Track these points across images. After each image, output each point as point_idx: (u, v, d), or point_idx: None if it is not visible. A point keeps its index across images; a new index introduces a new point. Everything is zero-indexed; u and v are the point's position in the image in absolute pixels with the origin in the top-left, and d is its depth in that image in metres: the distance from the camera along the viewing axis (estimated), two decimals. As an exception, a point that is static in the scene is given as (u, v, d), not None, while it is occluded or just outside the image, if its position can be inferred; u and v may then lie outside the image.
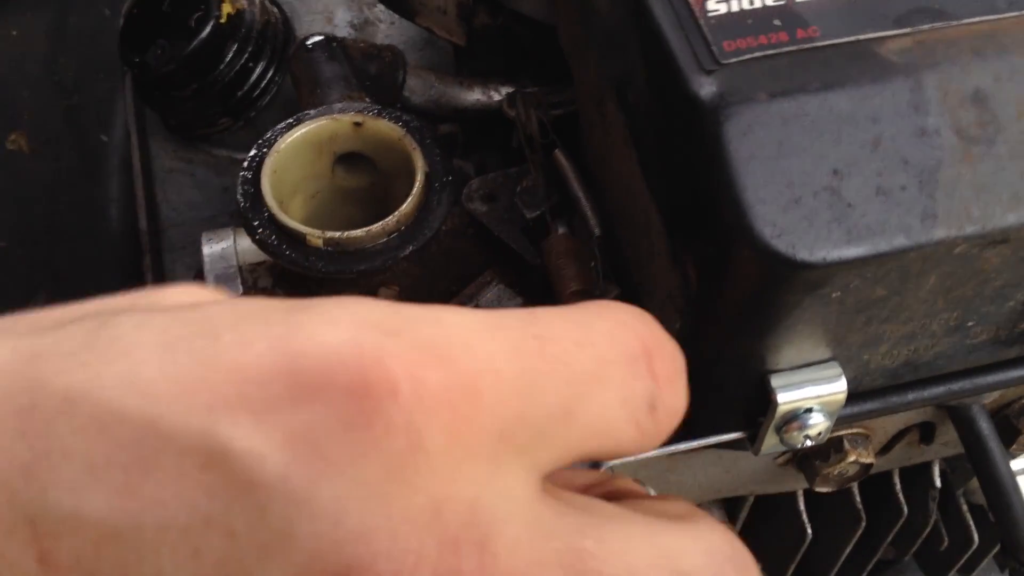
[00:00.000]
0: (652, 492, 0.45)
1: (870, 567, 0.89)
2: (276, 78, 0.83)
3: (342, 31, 0.93)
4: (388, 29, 0.94)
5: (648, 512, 0.37)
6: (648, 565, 0.34)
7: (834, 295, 0.50)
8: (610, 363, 0.34)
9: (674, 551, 0.35)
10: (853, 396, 0.58)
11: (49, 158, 1.15)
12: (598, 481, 0.43)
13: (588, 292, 0.63)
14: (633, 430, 0.35)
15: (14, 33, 1.18)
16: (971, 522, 0.87)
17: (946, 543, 0.88)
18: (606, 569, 0.33)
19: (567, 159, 0.68)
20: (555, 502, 0.34)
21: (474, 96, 0.79)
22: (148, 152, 0.88)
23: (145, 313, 0.32)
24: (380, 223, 0.63)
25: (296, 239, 0.64)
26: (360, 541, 0.29)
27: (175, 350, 0.30)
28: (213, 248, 0.70)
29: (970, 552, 0.88)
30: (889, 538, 0.83)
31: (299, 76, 0.74)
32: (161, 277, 0.82)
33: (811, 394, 0.55)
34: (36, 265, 1.09)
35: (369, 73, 0.74)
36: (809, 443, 0.57)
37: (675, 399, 0.37)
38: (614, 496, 0.42)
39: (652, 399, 0.35)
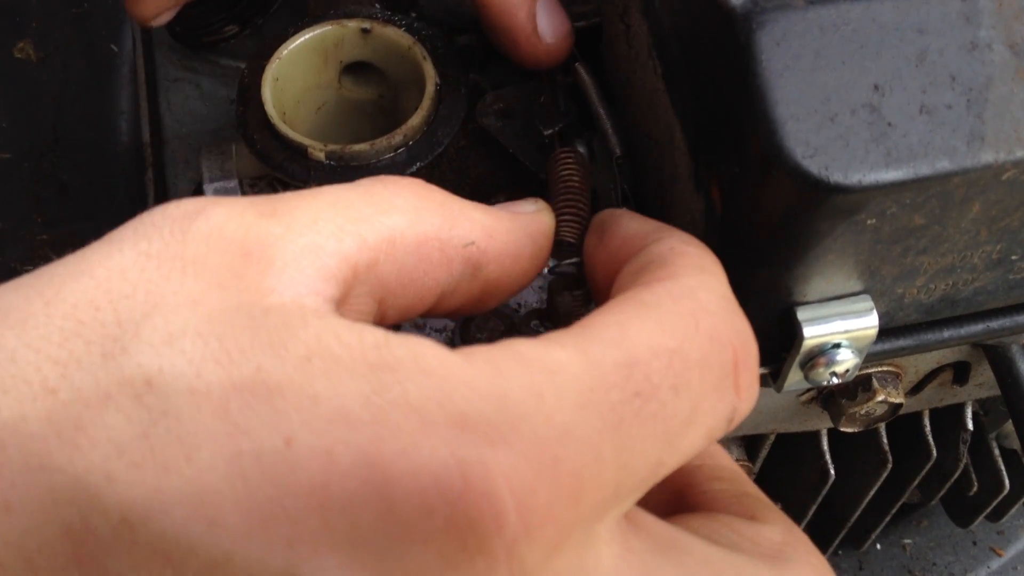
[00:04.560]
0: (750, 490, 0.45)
1: (894, 510, 0.86)
2: (286, -17, 0.79)
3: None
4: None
5: (737, 547, 0.36)
6: None
7: (869, 222, 0.46)
8: (704, 399, 0.33)
9: None
10: (884, 332, 0.55)
11: (57, 67, 1.12)
12: (685, 488, 0.43)
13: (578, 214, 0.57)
14: (709, 445, 0.36)
15: (22, -64, 1.15)
16: (1003, 467, 0.84)
17: (975, 488, 0.85)
18: None
19: (588, 74, 0.64)
20: (639, 548, 0.32)
21: (493, 6, 0.74)
22: (153, 60, 0.84)
23: (196, 374, 0.28)
24: (385, 137, 0.60)
25: (297, 151, 0.60)
26: None
27: (240, 456, 0.26)
28: (213, 160, 0.67)
29: (1000, 498, 0.85)
30: (916, 482, 0.80)
31: (306, -20, 0.70)
32: (163, 192, 0.79)
33: (839, 329, 0.52)
34: (42, 178, 1.06)
35: (381, -23, 0.70)
36: (835, 381, 0.53)
37: (750, 403, 0.37)
38: (702, 506, 0.41)
39: (732, 415, 0.35)
